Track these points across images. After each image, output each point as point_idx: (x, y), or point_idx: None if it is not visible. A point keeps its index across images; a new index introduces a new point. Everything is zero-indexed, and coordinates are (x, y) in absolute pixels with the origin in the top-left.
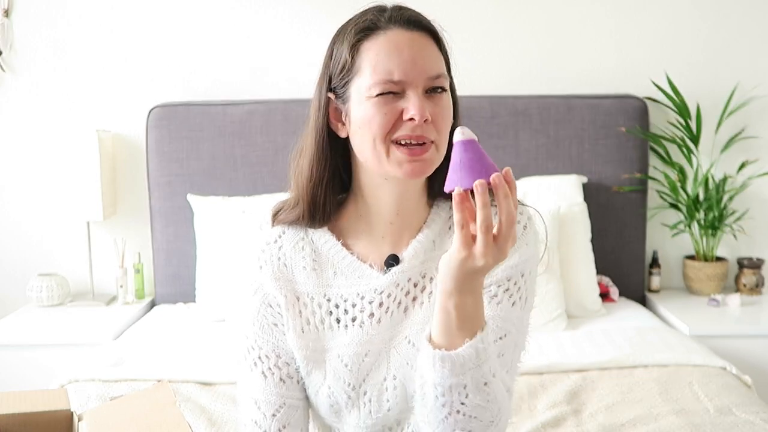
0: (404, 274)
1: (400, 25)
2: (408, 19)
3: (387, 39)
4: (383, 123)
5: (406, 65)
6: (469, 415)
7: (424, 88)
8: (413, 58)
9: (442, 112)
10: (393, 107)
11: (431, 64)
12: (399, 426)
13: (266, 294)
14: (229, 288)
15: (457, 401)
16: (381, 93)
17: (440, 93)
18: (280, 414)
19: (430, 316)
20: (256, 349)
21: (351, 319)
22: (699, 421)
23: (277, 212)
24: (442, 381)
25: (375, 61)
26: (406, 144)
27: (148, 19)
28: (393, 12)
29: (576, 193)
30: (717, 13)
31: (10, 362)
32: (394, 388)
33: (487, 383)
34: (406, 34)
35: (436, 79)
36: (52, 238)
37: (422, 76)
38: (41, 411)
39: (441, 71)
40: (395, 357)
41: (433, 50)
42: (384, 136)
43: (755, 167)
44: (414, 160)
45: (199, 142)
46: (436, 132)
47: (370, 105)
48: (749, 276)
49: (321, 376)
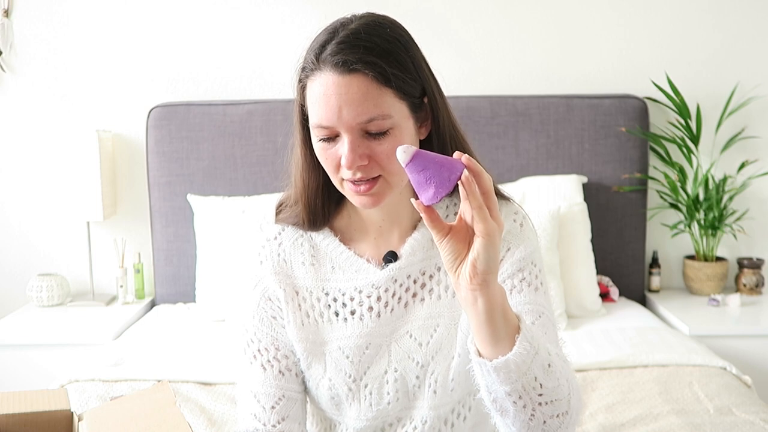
0: (403, 270)
1: (332, 68)
2: (341, 63)
3: (319, 84)
4: (328, 167)
5: (332, 114)
6: (550, 401)
7: (359, 132)
8: (339, 106)
9: (384, 150)
10: (333, 152)
11: (359, 109)
12: (400, 422)
13: (266, 288)
14: (229, 288)
15: (535, 395)
16: (320, 138)
17: (384, 135)
18: (279, 406)
19: (433, 313)
20: (256, 341)
21: (350, 312)
22: (699, 421)
23: (279, 210)
24: (514, 386)
25: (311, 106)
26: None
27: (148, 20)
28: (329, 50)
29: (576, 193)
30: (717, 13)
31: (10, 362)
32: (395, 381)
33: (551, 364)
34: (336, 79)
35: (368, 124)
36: (52, 238)
37: (350, 122)
38: (41, 411)
39: (371, 116)
40: (396, 350)
41: (366, 92)
42: (333, 175)
43: (755, 167)
44: (363, 194)
45: (199, 142)
46: (381, 168)
47: (318, 146)
48: (749, 276)
49: (321, 368)
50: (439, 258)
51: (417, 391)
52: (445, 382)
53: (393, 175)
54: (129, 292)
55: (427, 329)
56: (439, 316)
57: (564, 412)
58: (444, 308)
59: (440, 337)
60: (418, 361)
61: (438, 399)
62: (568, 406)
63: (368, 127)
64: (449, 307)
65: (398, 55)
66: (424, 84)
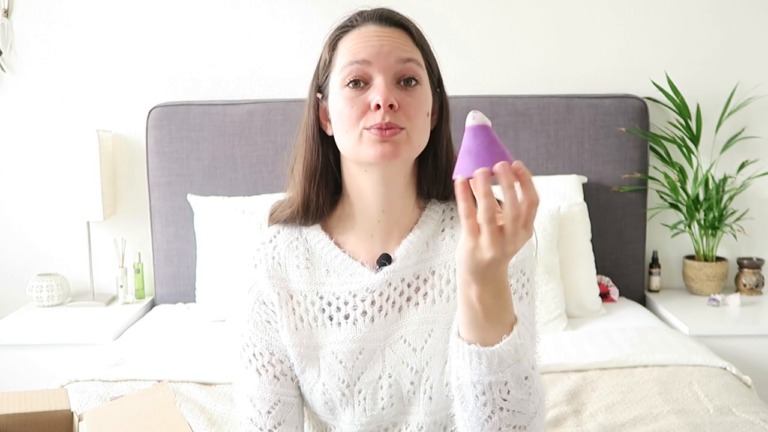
0: (397, 274)
1: (374, 21)
2: (381, 16)
3: (359, 32)
4: (353, 113)
5: (373, 49)
6: (513, 411)
7: (393, 77)
8: (381, 44)
9: (413, 102)
10: (361, 99)
11: (399, 49)
12: (395, 427)
13: (260, 292)
14: (228, 288)
15: (499, 398)
16: (350, 81)
17: (413, 85)
18: (275, 411)
19: (428, 317)
20: (251, 346)
21: (344, 316)
22: (699, 421)
23: (274, 211)
24: (481, 378)
25: (346, 50)
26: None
27: (148, 19)
28: (369, 11)
29: (576, 193)
30: (717, 13)
31: (10, 362)
32: (389, 386)
33: (528, 377)
34: (378, 27)
35: (405, 64)
36: (52, 238)
37: (389, 59)
38: (41, 411)
39: (410, 56)
40: (390, 355)
41: (405, 41)
42: (355, 125)
43: (755, 167)
44: (384, 141)
45: (199, 142)
46: (407, 120)
47: (342, 96)
48: (749, 276)
49: (315, 373)
50: (434, 261)
51: (412, 396)
52: (440, 388)
53: (415, 132)
54: (129, 292)
55: (422, 334)
56: (433, 321)
57: (523, 426)
58: (438, 313)
59: (435, 343)
60: (412, 367)
61: (434, 405)
62: (529, 422)
63: (404, 70)
64: (444, 312)
65: (425, 37)
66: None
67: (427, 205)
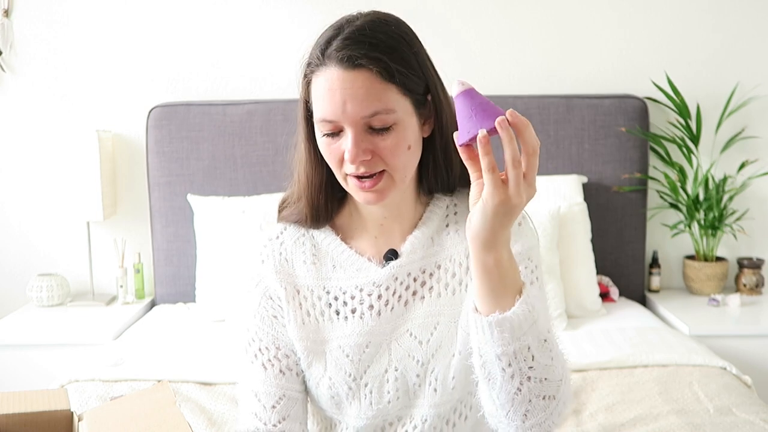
0: (403, 268)
1: (337, 64)
2: (346, 58)
3: (324, 79)
4: (331, 162)
5: (336, 108)
6: (540, 379)
7: (363, 126)
8: (344, 101)
9: (388, 146)
10: (336, 147)
11: (363, 103)
12: (400, 421)
13: (267, 287)
14: (229, 288)
15: (525, 366)
16: (324, 133)
17: (386, 131)
18: (279, 406)
19: (434, 311)
20: (257, 341)
21: (351, 310)
22: (699, 421)
23: (282, 208)
24: (505, 349)
25: (315, 101)
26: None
27: (148, 19)
28: (335, 46)
29: (576, 193)
30: (717, 13)
31: (10, 362)
32: (395, 380)
33: (546, 339)
34: (340, 74)
35: (372, 118)
36: (52, 238)
37: (354, 116)
38: (41, 411)
39: (375, 110)
40: (396, 349)
41: (370, 87)
42: (337, 170)
43: (755, 167)
44: (366, 191)
45: (199, 142)
46: (385, 163)
47: (321, 141)
48: (749, 276)
49: (322, 367)
50: (439, 256)
51: (417, 389)
52: (445, 381)
53: (397, 171)
54: (129, 292)
55: (427, 327)
56: (439, 314)
57: (552, 395)
58: (444, 306)
59: (440, 335)
60: (418, 360)
61: (439, 397)
62: (557, 390)
63: (372, 122)
64: (449, 305)
65: (402, 52)
66: (428, 81)
67: (431, 201)
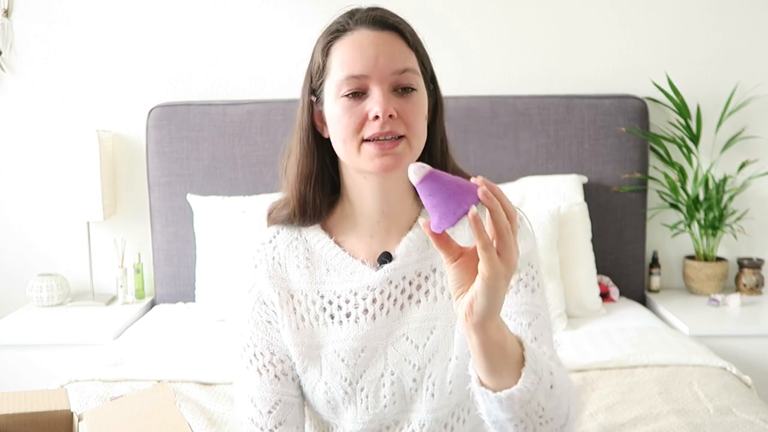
0: (398, 271)
1: (366, 26)
2: (374, 19)
3: (352, 39)
4: (350, 124)
5: (368, 61)
6: (550, 419)
7: (390, 86)
8: (376, 55)
9: (412, 108)
10: (359, 108)
11: (395, 59)
12: (397, 425)
13: (261, 292)
14: (228, 288)
15: (536, 418)
16: (347, 93)
17: (410, 92)
18: (275, 411)
19: (430, 315)
20: (251, 346)
21: (345, 314)
22: (699, 421)
23: (271, 212)
24: (515, 414)
25: (341, 60)
26: (375, 140)
27: (148, 19)
28: (362, 13)
29: (576, 193)
30: (717, 13)
31: (10, 362)
32: (392, 384)
33: (553, 385)
34: (371, 33)
35: (401, 74)
36: (52, 238)
37: (385, 71)
38: (41, 411)
39: (407, 66)
40: (392, 353)
41: (400, 47)
42: (353, 136)
43: (755, 167)
44: (384, 154)
45: (199, 142)
46: (407, 128)
47: (338, 106)
48: (749, 276)
49: (317, 372)
50: (435, 259)
51: (414, 394)
52: (443, 385)
53: (415, 138)
54: (129, 292)
55: (424, 331)
56: (435, 318)
57: (562, 424)
58: (440, 310)
59: (437, 340)
60: (414, 364)
61: (436, 402)
62: (566, 419)
63: (401, 80)
64: (445, 309)
65: (417, 36)
66: (432, 73)
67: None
